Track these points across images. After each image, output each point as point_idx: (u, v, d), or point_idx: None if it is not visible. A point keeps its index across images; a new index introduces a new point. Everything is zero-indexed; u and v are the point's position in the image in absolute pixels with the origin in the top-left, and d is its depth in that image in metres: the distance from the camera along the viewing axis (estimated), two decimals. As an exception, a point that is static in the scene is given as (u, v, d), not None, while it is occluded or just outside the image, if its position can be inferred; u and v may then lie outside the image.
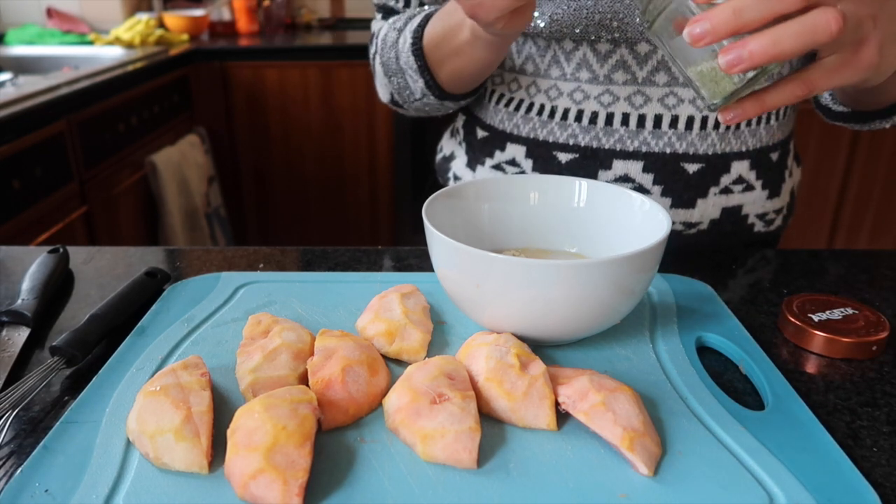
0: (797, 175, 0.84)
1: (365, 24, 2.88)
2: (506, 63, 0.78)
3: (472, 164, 0.84)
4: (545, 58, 0.74)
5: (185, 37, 2.46)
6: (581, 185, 0.60)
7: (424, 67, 0.72)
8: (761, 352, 0.51)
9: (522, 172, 0.79)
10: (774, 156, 0.77)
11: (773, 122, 0.76)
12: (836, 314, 0.55)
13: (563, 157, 0.75)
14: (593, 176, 0.75)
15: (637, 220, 0.56)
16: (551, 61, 0.74)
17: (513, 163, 0.79)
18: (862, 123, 0.72)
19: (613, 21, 0.68)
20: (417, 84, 0.75)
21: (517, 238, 0.62)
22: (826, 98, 0.75)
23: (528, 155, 0.77)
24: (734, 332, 0.54)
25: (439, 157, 0.92)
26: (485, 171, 0.82)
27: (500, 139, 0.80)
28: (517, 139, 0.78)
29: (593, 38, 0.70)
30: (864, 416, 0.46)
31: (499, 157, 0.80)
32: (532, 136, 0.77)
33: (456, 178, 0.86)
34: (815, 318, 0.55)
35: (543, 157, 0.76)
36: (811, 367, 0.52)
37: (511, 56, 0.77)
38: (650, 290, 0.60)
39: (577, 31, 0.70)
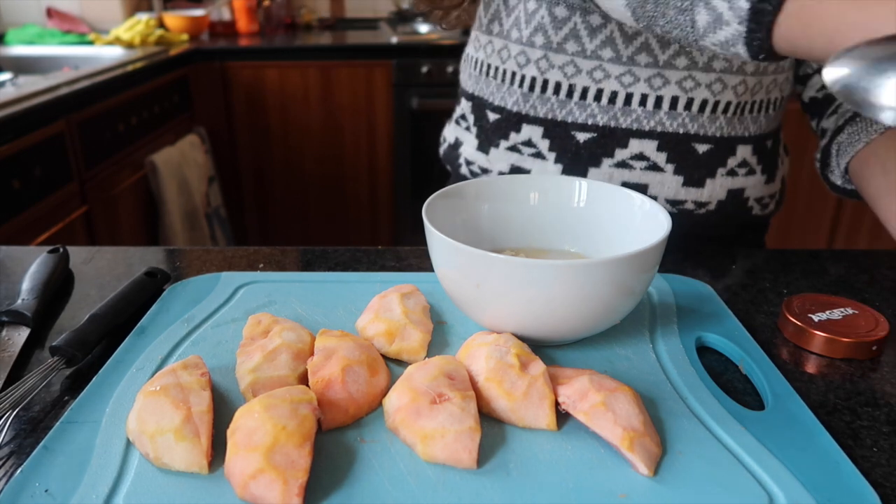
0: (786, 163, 0.86)
1: (365, 23, 2.89)
2: (512, 34, 0.76)
3: (484, 147, 0.83)
4: (561, 30, 0.72)
5: (185, 37, 2.46)
6: (581, 185, 0.60)
7: None
8: (761, 352, 0.51)
9: (539, 153, 0.78)
10: (769, 143, 0.80)
11: (771, 111, 0.78)
12: (836, 314, 0.55)
13: (581, 137, 0.76)
14: (610, 154, 0.75)
15: (637, 220, 0.56)
16: (568, 34, 0.72)
17: (529, 143, 0.79)
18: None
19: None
20: None
21: (517, 238, 0.62)
22: (836, 176, 0.74)
23: (546, 135, 0.77)
24: (734, 332, 0.54)
25: (444, 146, 0.92)
26: (499, 152, 0.81)
27: (514, 121, 0.79)
28: (534, 120, 0.77)
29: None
30: (864, 416, 0.46)
31: (514, 138, 0.79)
32: (550, 116, 0.76)
33: (468, 162, 0.85)
34: (815, 318, 0.55)
35: (561, 137, 0.77)
36: (811, 367, 0.52)
37: (519, 27, 0.75)
38: (650, 290, 0.60)
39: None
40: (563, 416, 0.43)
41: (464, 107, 0.87)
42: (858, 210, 2.43)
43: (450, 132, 0.91)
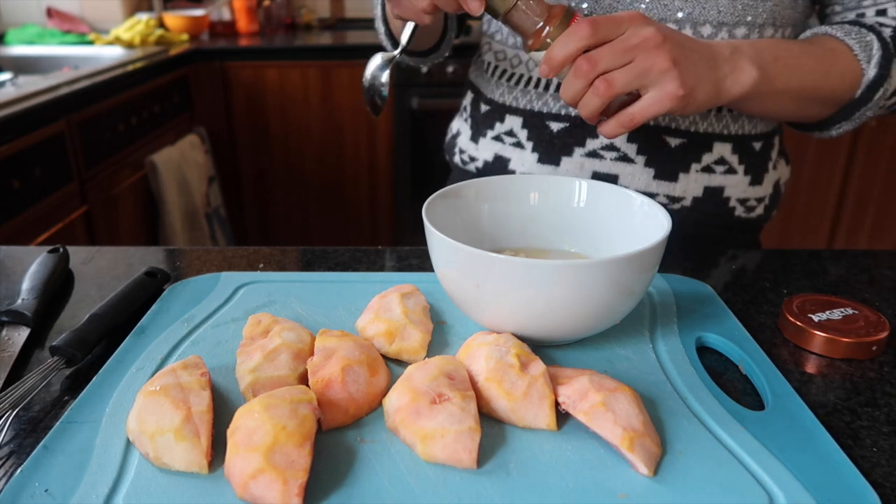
0: (784, 171, 0.86)
1: (365, 24, 2.89)
2: (508, 40, 0.81)
3: (475, 137, 0.88)
4: None
5: (185, 37, 2.46)
6: (581, 185, 0.60)
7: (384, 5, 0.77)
8: (761, 352, 0.51)
9: (518, 142, 0.82)
10: (757, 145, 0.80)
11: None
12: (836, 314, 0.55)
13: (555, 126, 0.79)
14: (581, 143, 0.78)
15: (637, 220, 0.56)
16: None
17: (510, 133, 0.83)
18: (807, 132, 0.78)
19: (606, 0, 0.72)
20: (380, 27, 0.81)
21: (517, 238, 0.62)
22: None
23: (524, 125, 0.81)
24: (734, 332, 0.54)
25: (448, 137, 0.96)
26: (486, 142, 0.86)
27: (500, 112, 0.84)
28: (515, 111, 0.82)
29: (587, 12, 0.73)
30: (864, 416, 0.46)
31: (498, 128, 0.84)
32: (528, 107, 0.80)
33: (461, 151, 0.90)
34: (815, 318, 0.55)
35: (537, 127, 0.80)
36: (811, 367, 0.52)
37: (515, 35, 0.80)
38: (650, 290, 0.60)
39: (584, 6, 0.73)
40: (563, 416, 0.43)
41: (466, 99, 0.92)
42: (858, 210, 2.44)
43: (455, 124, 0.96)
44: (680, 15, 0.71)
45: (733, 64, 0.62)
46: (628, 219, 0.57)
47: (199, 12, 2.55)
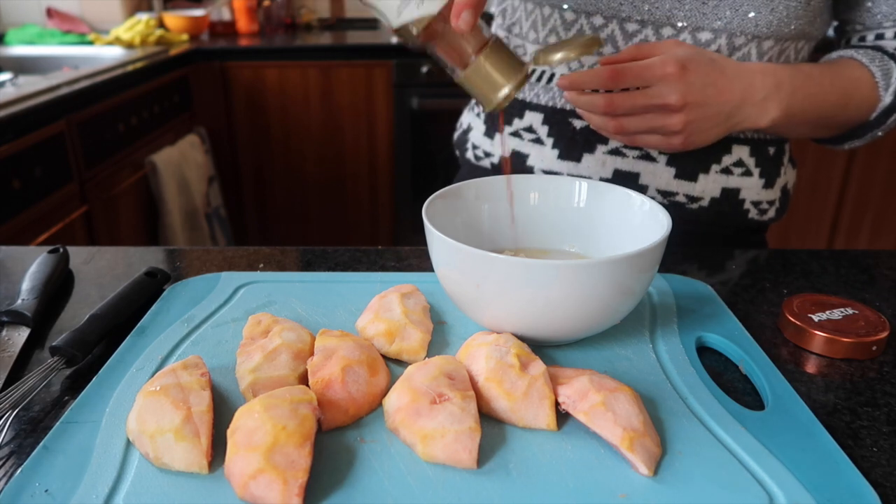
0: (791, 175, 0.87)
1: (365, 24, 2.89)
2: (529, 35, 0.81)
3: (490, 132, 0.88)
4: (570, 32, 0.77)
5: (185, 37, 2.46)
6: (581, 185, 0.60)
7: None
8: (761, 352, 0.51)
9: (538, 138, 0.82)
10: (771, 150, 0.81)
11: None
12: (836, 314, 0.55)
13: (578, 124, 0.79)
14: (604, 140, 0.78)
15: (637, 220, 0.56)
16: (576, 35, 0.76)
17: (530, 130, 0.82)
18: (819, 143, 0.82)
19: (645, 4, 0.72)
20: None
21: (517, 238, 0.62)
22: None
23: (545, 122, 0.81)
24: (734, 332, 0.54)
25: (458, 132, 0.96)
26: (502, 138, 0.85)
27: (518, 108, 0.83)
28: (536, 107, 0.81)
29: (624, 16, 0.73)
30: (864, 416, 0.46)
31: (517, 124, 0.84)
32: (551, 104, 0.80)
33: (475, 147, 0.90)
34: (815, 318, 0.55)
35: (560, 124, 0.80)
36: (811, 367, 0.52)
37: (536, 29, 0.79)
38: (650, 290, 0.60)
39: (602, 6, 0.73)
40: (563, 416, 0.43)
41: None
42: (858, 211, 2.44)
43: (465, 118, 0.95)
44: (680, 25, 0.71)
45: (760, 108, 0.66)
46: (628, 219, 0.57)
47: (199, 12, 2.54)
